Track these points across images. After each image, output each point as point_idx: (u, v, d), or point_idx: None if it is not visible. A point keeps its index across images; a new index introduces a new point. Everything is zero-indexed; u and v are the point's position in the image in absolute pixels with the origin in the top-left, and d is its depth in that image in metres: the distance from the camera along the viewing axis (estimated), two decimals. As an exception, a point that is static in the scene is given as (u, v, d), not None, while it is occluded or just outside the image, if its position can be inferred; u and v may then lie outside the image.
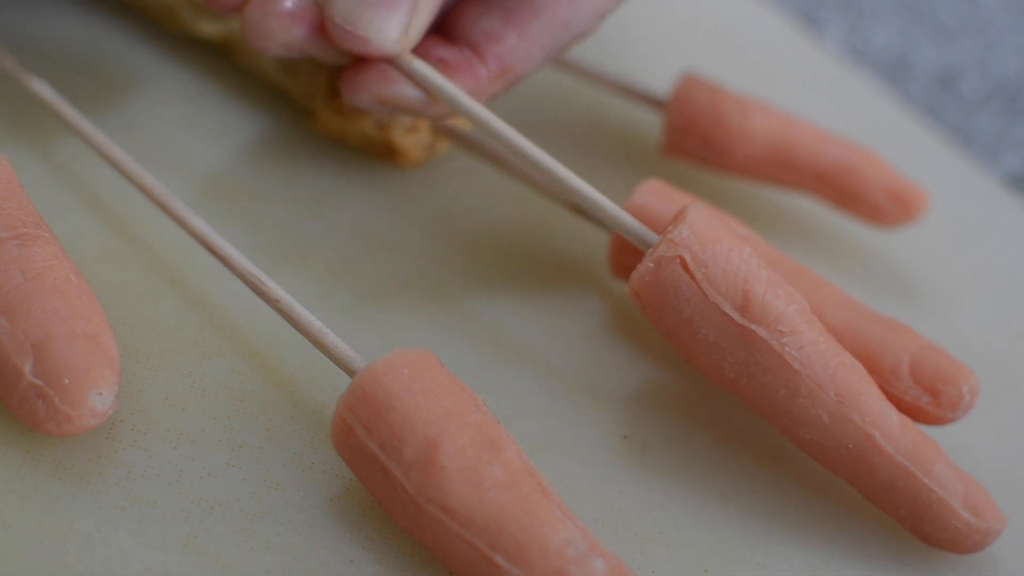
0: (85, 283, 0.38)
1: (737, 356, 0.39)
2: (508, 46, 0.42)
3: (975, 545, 0.39)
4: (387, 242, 0.46)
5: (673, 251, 0.39)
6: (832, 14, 0.65)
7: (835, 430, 0.39)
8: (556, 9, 0.42)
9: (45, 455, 0.38)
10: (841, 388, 0.39)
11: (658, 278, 0.39)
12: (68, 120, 0.44)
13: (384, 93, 0.42)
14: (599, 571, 0.34)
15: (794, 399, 0.39)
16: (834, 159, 0.49)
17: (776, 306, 0.39)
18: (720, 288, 0.39)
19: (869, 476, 0.39)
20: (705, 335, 0.39)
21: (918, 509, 0.39)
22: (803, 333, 0.39)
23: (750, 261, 0.39)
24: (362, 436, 0.36)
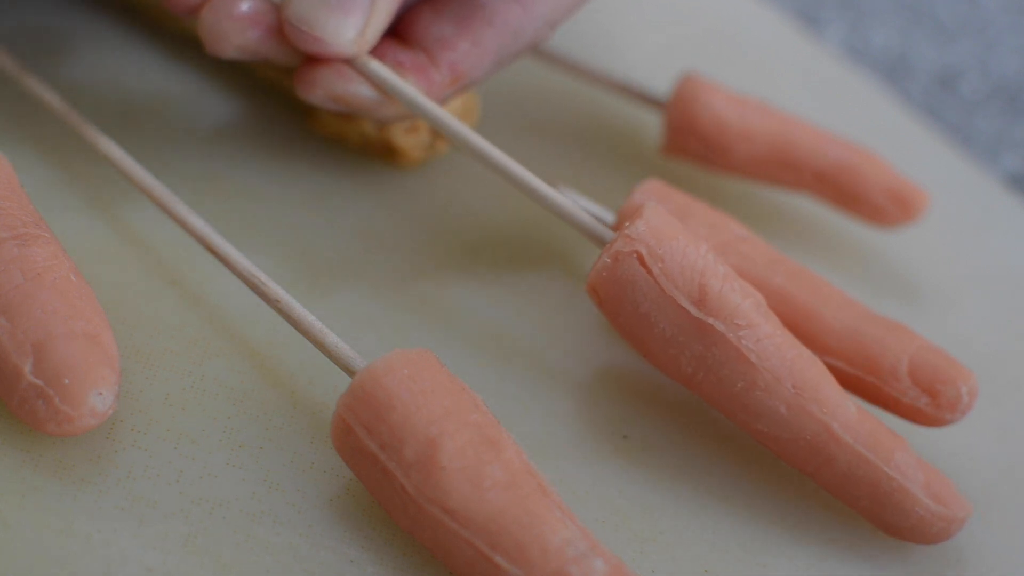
0: (85, 283, 0.38)
1: (694, 350, 0.39)
2: (460, 52, 0.43)
3: (940, 534, 0.39)
4: (387, 242, 0.46)
5: (630, 246, 0.39)
6: (832, 14, 0.65)
7: (793, 422, 0.39)
8: (507, 17, 0.43)
9: (45, 455, 0.38)
10: (798, 380, 0.39)
11: (615, 273, 0.39)
12: (68, 120, 0.44)
13: (337, 90, 0.42)
14: (599, 571, 0.34)
15: (751, 392, 0.39)
16: (834, 159, 0.49)
17: (732, 299, 0.39)
18: (677, 282, 0.39)
19: (828, 467, 0.39)
20: (662, 330, 0.39)
21: (879, 498, 0.39)
22: (759, 326, 0.39)
23: (707, 256, 0.39)
24: (362, 436, 0.36)
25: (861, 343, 0.41)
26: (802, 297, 0.42)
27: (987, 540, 0.42)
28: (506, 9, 0.43)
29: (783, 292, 0.42)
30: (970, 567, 0.41)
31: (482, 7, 0.43)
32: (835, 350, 0.42)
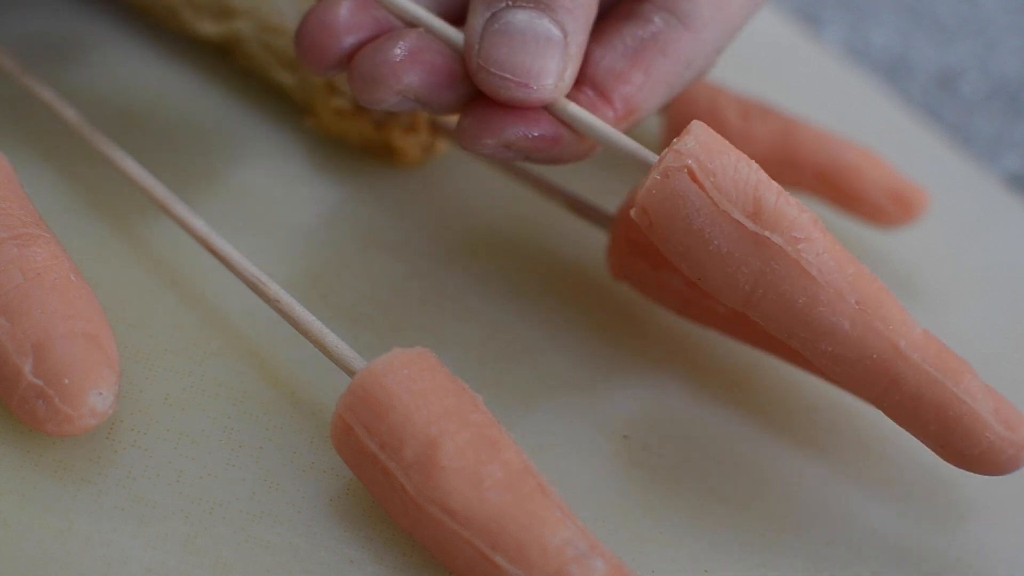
0: (85, 283, 0.38)
1: (752, 266, 0.38)
2: (634, 85, 0.41)
3: (1009, 462, 0.38)
4: (387, 242, 0.46)
5: (680, 161, 0.38)
6: (832, 14, 0.65)
7: (858, 340, 0.37)
8: (680, 47, 0.41)
9: (45, 455, 0.38)
10: (861, 296, 0.37)
11: (666, 190, 0.38)
12: (68, 120, 0.44)
13: (514, 136, 0.40)
14: (599, 571, 0.34)
15: (814, 308, 0.37)
16: (834, 159, 0.49)
17: (789, 212, 0.38)
18: (731, 196, 0.38)
19: (895, 389, 0.38)
20: (717, 246, 0.38)
21: (949, 423, 0.37)
22: (818, 240, 0.37)
23: (759, 172, 0.38)
24: (362, 436, 0.36)
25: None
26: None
27: (987, 540, 0.42)
28: (678, 38, 0.41)
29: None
30: (970, 567, 0.41)
31: (653, 38, 0.41)
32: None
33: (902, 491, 0.43)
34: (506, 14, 0.39)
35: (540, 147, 0.40)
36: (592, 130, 0.40)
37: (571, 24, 0.40)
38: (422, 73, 0.40)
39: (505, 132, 0.40)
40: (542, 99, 0.40)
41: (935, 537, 0.42)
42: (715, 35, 0.42)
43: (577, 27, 0.40)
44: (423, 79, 0.40)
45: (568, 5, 0.40)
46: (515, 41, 0.39)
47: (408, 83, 0.40)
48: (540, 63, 0.39)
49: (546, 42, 0.39)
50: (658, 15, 0.42)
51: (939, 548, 0.41)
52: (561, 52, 0.39)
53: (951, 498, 0.43)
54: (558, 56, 0.39)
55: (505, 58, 0.39)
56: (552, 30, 0.39)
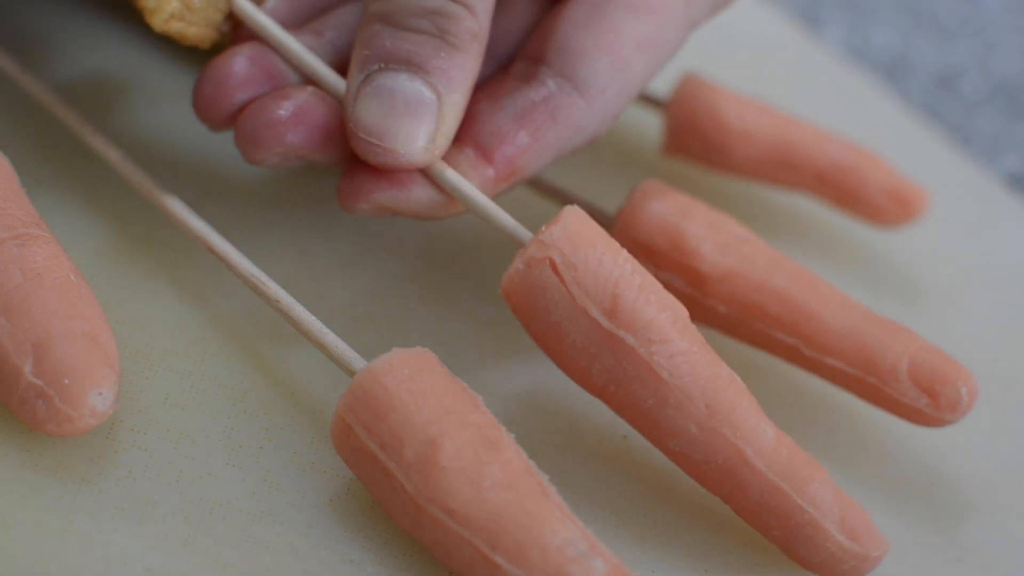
0: (85, 283, 0.38)
1: (605, 363, 0.38)
2: (519, 147, 0.41)
3: (852, 571, 0.38)
4: (387, 242, 0.46)
5: (543, 252, 0.38)
6: (832, 14, 0.65)
7: (704, 443, 0.38)
8: (571, 113, 0.41)
9: (45, 455, 0.38)
10: (712, 400, 0.37)
11: (528, 279, 0.38)
12: (68, 120, 0.44)
13: (390, 202, 0.40)
14: (599, 571, 0.34)
15: (662, 409, 0.38)
16: (834, 159, 0.49)
17: (646, 312, 0.37)
18: (589, 292, 0.38)
19: (740, 493, 0.38)
20: (573, 340, 0.38)
21: (791, 530, 0.38)
22: (673, 342, 0.37)
23: (624, 266, 0.38)
24: (362, 436, 0.36)
25: (861, 344, 0.41)
26: (802, 298, 0.42)
27: (987, 540, 0.42)
28: (570, 104, 0.41)
29: (783, 293, 0.42)
30: (970, 567, 0.41)
31: (544, 102, 0.41)
32: (835, 351, 0.42)
33: (902, 491, 0.43)
34: (378, 76, 0.39)
35: (409, 209, 0.40)
36: (467, 199, 0.40)
37: (444, 86, 0.39)
38: (304, 132, 0.40)
39: (376, 196, 0.40)
40: (411, 163, 0.39)
41: (935, 537, 0.42)
42: (611, 102, 0.41)
43: (451, 88, 0.39)
44: (305, 138, 0.40)
45: (442, 66, 0.39)
46: (385, 104, 0.39)
47: (290, 143, 0.40)
48: (409, 127, 0.39)
49: (417, 105, 0.39)
50: (553, 79, 0.41)
51: (939, 548, 0.41)
52: (433, 115, 0.39)
53: (951, 498, 0.43)
54: (429, 119, 0.39)
55: (375, 122, 0.39)
56: (424, 93, 0.39)
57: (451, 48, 0.39)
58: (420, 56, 0.39)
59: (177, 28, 0.42)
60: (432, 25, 0.39)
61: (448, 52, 0.39)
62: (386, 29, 0.39)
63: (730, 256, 0.43)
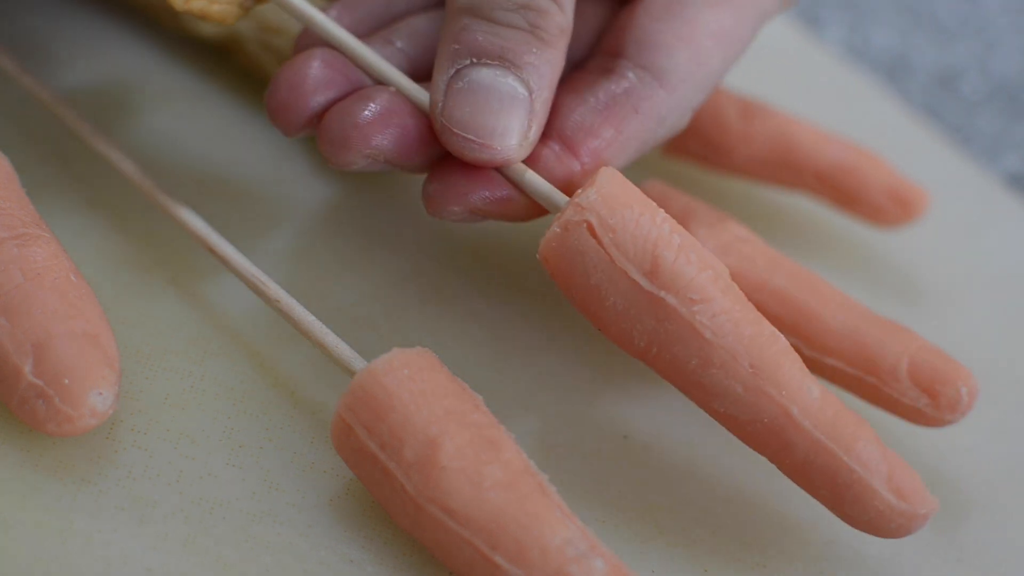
0: (85, 283, 0.38)
1: (646, 324, 0.38)
2: (604, 140, 0.40)
3: (900, 529, 0.38)
4: (387, 241, 0.46)
5: (580, 215, 0.38)
6: (832, 14, 0.65)
7: (750, 403, 0.37)
8: (653, 104, 0.41)
9: (45, 455, 0.38)
10: (757, 359, 0.37)
11: (565, 243, 0.38)
12: (68, 120, 0.44)
13: (479, 201, 0.40)
14: (599, 571, 0.34)
15: (706, 370, 0.37)
16: (834, 159, 0.49)
17: (687, 272, 0.37)
18: (628, 253, 0.37)
19: (786, 453, 0.38)
20: (613, 303, 0.38)
21: (838, 489, 0.37)
22: (715, 301, 0.37)
23: (662, 226, 0.38)
24: (362, 436, 0.36)
25: (861, 344, 0.41)
26: (802, 298, 0.42)
27: (987, 540, 0.42)
28: (651, 95, 0.41)
29: (783, 293, 0.42)
30: (970, 567, 0.41)
31: (627, 94, 0.41)
32: (835, 351, 0.42)
33: (902, 491, 0.43)
34: (470, 71, 0.39)
35: (502, 209, 0.40)
36: (541, 196, 0.39)
37: (536, 81, 0.39)
38: (391, 135, 0.39)
39: (471, 197, 0.40)
40: (507, 159, 0.39)
41: (935, 537, 0.42)
42: (691, 93, 0.41)
43: (542, 84, 0.39)
44: (392, 141, 0.40)
45: (534, 62, 0.39)
46: (479, 100, 0.39)
47: (377, 145, 0.39)
48: (504, 122, 0.39)
49: (511, 101, 0.39)
50: (633, 71, 0.41)
51: (939, 548, 0.41)
52: (526, 110, 0.39)
53: (951, 498, 0.43)
54: (523, 115, 0.39)
55: (469, 118, 0.39)
56: (517, 88, 0.39)
57: (542, 43, 0.39)
58: (512, 51, 0.39)
59: (199, 6, 0.41)
60: (523, 20, 0.39)
61: (539, 47, 0.39)
62: (476, 23, 0.39)
63: (730, 256, 0.43)
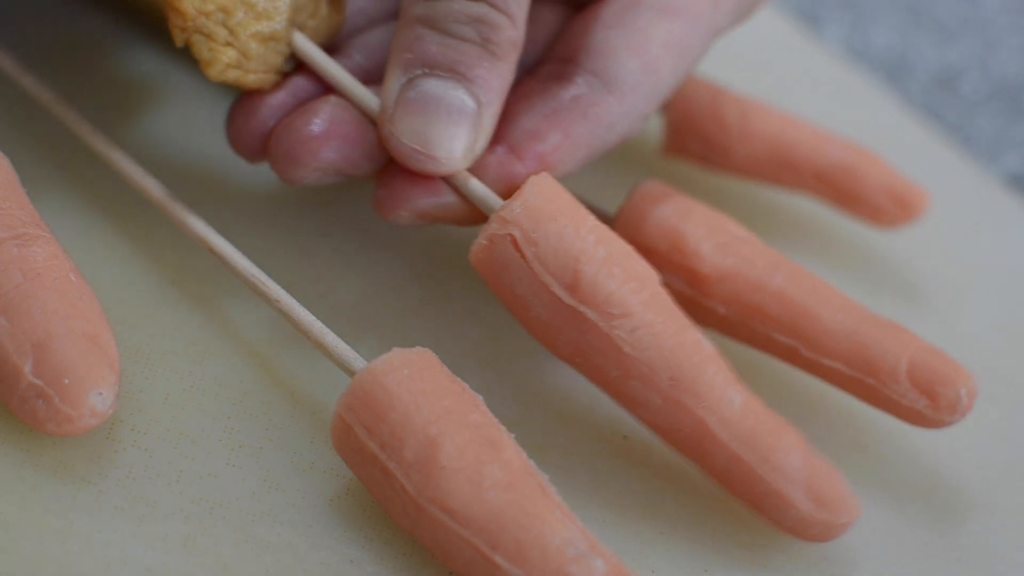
0: (85, 283, 0.38)
1: (570, 336, 0.38)
2: (551, 145, 0.41)
3: (820, 535, 0.38)
4: (387, 242, 0.46)
5: (504, 228, 0.38)
6: (832, 14, 0.65)
7: (669, 414, 0.38)
8: (602, 110, 0.41)
9: (45, 455, 0.38)
10: (677, 371, 0.38)
11: (492, 255, 0.39)
12: (68, 120, 0.44)
13: (427, 206, 0.40)
14: (599, 571, 0.34)
15: (627, 381, 0.38)
16: (834, 159, 0.49)
17: (607, 286, 0.38)
18: (550, 267, 0.38)
19: (707, 461, 0.38)
20: (538, 313, 0.38)
21: (757, 497, 0.38)
22: (635, 315, 0.38)
23: (586, 238, 0.38)
24: (362, 436, 0.36)
25: (860, 345, 0.41)
26: (801, 298, 0.42)
27: (987, 540, 0.42)
28: (600, 101, 0.41)
29: (782, 293, 0.42)
30: (970, 567, 0.41)
31: (575, 100, 0.41)
32: (834, 352, 0.42)
33: (902, 491, 0.43)
34: (421, 82, 0.39)
35: (447, 215, 0.41)
36: (482, 203, 0.40)
37: (486, 95, 0.39)
38: (339, 146, 0.40)
39: (416, 203, 0.40)
40: (450, 170, 0.40)
41: (935, 537, 0.42)
42: (640, 101, 0.42)
43: (492, 97, 0.40)
44: (341, 152, 0.40)
45: (484, 75, 0.39)
46: (427, 111, 0.39)
47: (324, 158, 0.40)
48: (451, 134, 0.39)
49: (459, 113, 0.39)
50: (583, 77, 0.41)
51: (939, 548, 0.41)
52: (473, 123, 0.39)
53: (951, 498, 0.43)
54: (470, 127, 0.39)
55: (418, 128, 0.39)
56: (466, 101, 0.39)
57: (493, 57, 0.40)
58: (464, 64, 0.39)
59: (234, 76, 0.41)
60: (475, 33, 0.40)
61: (490, 61, 0.40)
62: (430, 33, 0.40)
63: (729, 257, 0.43)
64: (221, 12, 0.41)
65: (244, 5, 0.41)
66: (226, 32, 0.41)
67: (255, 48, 0.41)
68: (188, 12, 0.40)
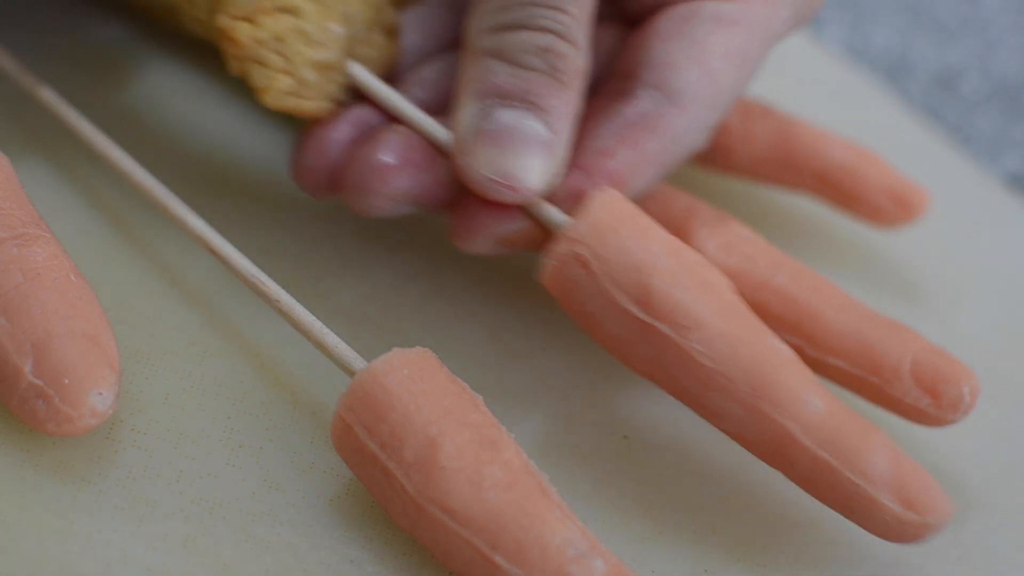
0: (85, 283, 0.38)
1: (645, 351, 0.38)
2: (621, 161, 0.41)
3: (911, 537, 0.37)
4: (388, 242, 0.46)
5: (570, 248, 0.38)
6: (832, 14, 0.65)
7: (751, 424, 0.37)
8: (667, 123, 0.41)
9: (45, 455, 0.38)
10: (755, 380, 0.37)
11: (561, 274, 0.39)
12: (68, 120, 0.44)
13: (504, 232, 0.41)
14: (599, 571, 0.34)
15: (706, 394, 0.38)
16: (834, 159, 0.49)
17: (680, 298, 0.37)
18: (620, 283, 0.38)
19: (792, 470, 0.38)
20: (611, 330, 0.38)
21: (844, 501, 0.37)
22: (710, 325, 0.37)
23: (654, 250, 0.38)
24: (362, 436, 0.36)
25: (863, 344, 0.41)
26: (804, 297, 0.42)
27: (987, 540, 0.42)
28: (664, 114, 0.41)
29: (785, 292, 0.42)
30: (971, 567, 0.41)
31: (641, 115, 0.41)
32: (837, 351, 0.42)
33: (902, 491, 0.43)
34: (495, 112, 0.39)
35: (523, 240, 0.41)
36: (557, 227, 0.40)
37: (558, 123, 0.40)
38: (412, 174, 0.40)
39: (494, 229, 0.40)
40: (528, 199, 0.40)
41: (935, 537, 0.41)
42: (703, 112, 0.42)
43: (564, 125, 0.40)
44: (413, 180, 0.41)
45: (556, 104, 0.40)
46: (503, 141, 0.39)
47: (397, 187, 0.40)
48: (527, 163, 0.39)
49: (534, 142, 0.39)
50: (644, 91, 0.41)
51: (939, 548, 0.41)
52: (549, 151, 0.39)
53: (952, 498, 0.43)
54: (546, 155, 0.39)
55: (493, 159, 0.39)
56: (541, 130, 0.39)
57: (562, 86, 0.40)
58: (535, 93, 0.40)
59: (292, 103, 0.41)
60: (543, 63, 0.40)
61: (560, 89, 0.40)
62: (500, 65, 0.40)
63: (733, 256, 0.43)
64: (275, 40, 0.41)
65: (298, 33, 0.41)
66: (281, 60, 0.41)
67: (311, 76, 0.42)
68: (243, 41, 0.41)
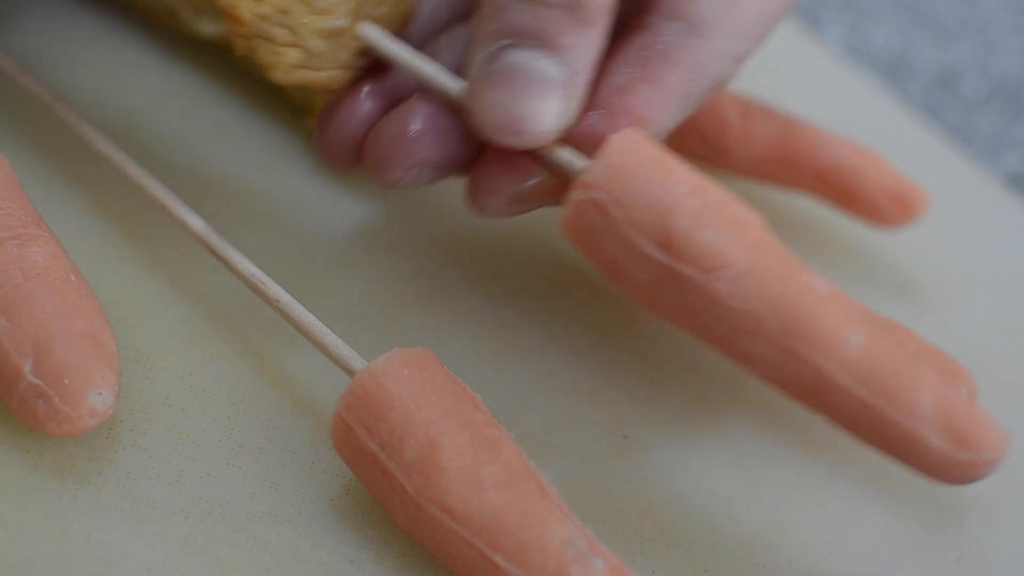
0: (85, 283, 0.38)
1: (669, 296, 0.36)
2: (639, 96, 0.38)
3: (965, 476, 0.35)
4: (387, 242, 0.46)
5: (587, 193, 0.36)
6: (832, 14, 0.65)
7: (785, 366, 0.35)
8: (689, 53, 0.39)
9: (45, 455, 0.38)
10: (787, 319, 0.34)
11: (578, 222, 0.37)
12: (68, 120, 0.44)
13: (517, 189, 0.39)
14: (599, 571, 0.34)
15: (737, 337, 0.35)
16: (834, 159, 0.49)
17: (703, 238, 0.35)
18: (641, 226, 0.35)
19: (833, 412, 0.35)
20: (635, 277, 0.36)
21: (890, 444, 0.35)
22: (737, 263, 0.35)
23: (676, 190, 0.36)
24: (362, 436, 0.36)
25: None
26: (802, 297, 0.42)
27: (987, 540, 0.42)
28: (685, 44, 0.39)
29: (783, 292, 0.42)
30: (970, 567, 0.41)
31: (659, 47, 0.39)
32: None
33: (902, 491, 0.43)
34: (505, 53, 0.38)
35: (542, 194, 0.39)
36: (575, 173, 0.38)
37: (576, 63, 0.38)
38: (436, 142, 0.39)
39: (505, 188, 0.39)
40: (538, 144, 0.38)
41: (935, 537, 0.42)
42: (729, 40, 0.40)
43: (582, 65, 0.38)
44: (437, 148, 0.39)
45: (573, 42, 0.38)
46: (512, 82, 0.37)
47: (422, 156, 0.39)
48: (538, 107, 0.37)
49: (545, 84, 0.37)
50: (664, 24, 0.39)
51: (939, 548, 0.41)
52: (562, 93, 0.38)
53: (951, 498, 0.43)
54: (558, 98, 0.37)
55: (502, 101, 0.37)
56: (553, 71, 0.37)
57: (583, 23, 0.38)
58: (551, 31, 0.37)
59: (303, 76, 0.41)
60: None
61: (580, 26, 0.38)
62: (516, 2, 0.38)
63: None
64: (279, 13, 0.40)
65: (301, 3, 0.40)
66: (287, 32, 0.40)
67: (319, 45, 0.40)
68: (246, 18, 0.40)
